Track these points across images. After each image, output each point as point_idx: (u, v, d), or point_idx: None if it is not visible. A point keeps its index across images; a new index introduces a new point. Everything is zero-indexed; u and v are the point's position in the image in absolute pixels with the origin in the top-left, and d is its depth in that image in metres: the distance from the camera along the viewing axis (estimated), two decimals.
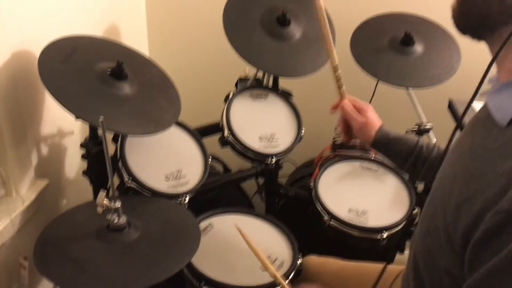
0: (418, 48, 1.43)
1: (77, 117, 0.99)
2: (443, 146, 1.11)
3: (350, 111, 1.15)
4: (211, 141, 1.36)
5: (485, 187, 0.58)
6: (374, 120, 1.14)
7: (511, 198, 0.54)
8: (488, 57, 0.68)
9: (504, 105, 0.62)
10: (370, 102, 1.59)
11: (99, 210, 0.92)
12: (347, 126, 1.18)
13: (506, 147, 0.60)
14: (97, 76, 1.07)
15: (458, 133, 0.77)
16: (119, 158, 1.13)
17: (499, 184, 0.56)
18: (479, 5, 0.64)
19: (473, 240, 0.57)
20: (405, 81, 1.41)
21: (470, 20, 0.66)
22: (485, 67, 0.68)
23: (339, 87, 1.20)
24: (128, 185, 1.11)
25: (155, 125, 1.11)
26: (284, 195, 1.51)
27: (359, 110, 1.17)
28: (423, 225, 0.71)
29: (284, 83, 1.49)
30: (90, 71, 1.07)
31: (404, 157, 1.10)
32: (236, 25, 1.35)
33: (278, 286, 1.02)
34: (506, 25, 0.61)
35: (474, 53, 1.47)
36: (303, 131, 1.37)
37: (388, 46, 1.44)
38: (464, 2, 0.66)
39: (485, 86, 0.68)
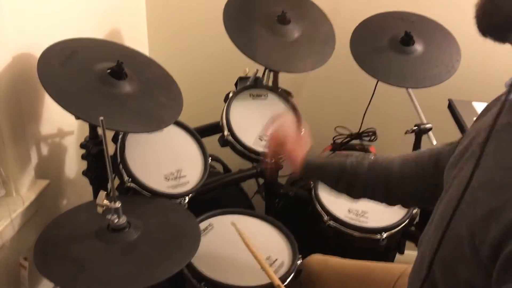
0: (418, 47, 1.42)
1: (77, 117, 1.00)
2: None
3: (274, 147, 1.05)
4: (211, 141, 1.36)
5: None
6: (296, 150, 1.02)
7: None
8: (489, 57, 0.67)
9: None
10: (370, 102, 1.60)
11: (99, 210, 0.92)
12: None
13: None
14: (97, 76, 1.07)
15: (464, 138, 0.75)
16: (119, 158, 1.13)
17: None
18: (504, 6, 0.61)
19: (505, 253, 0.55)
20: (405, 81, 1.41)
21: (493, 21, 0.64)
22: (485, 67, 0.67)
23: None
24: (128, 185, 1.11)
25: (156, 122, 1.11)
26: (284, 195, 1.51)
27: (280, 144, 1.04)
28: (437, 233, 0.69)
29: (284, 83, 1.49)
30: (89, 72, 1.07)
31: (335, 179, 1.00)
32: (236, 21, 1.35)
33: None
34: None
35: (474, 53, 1.47)
36: (303, 131, 1.37)
37: (388, 46, 1.44)
38: (489, 2, 0.64)
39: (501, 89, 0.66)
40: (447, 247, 0.66)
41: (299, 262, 1.12)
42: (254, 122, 1.35)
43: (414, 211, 1.25)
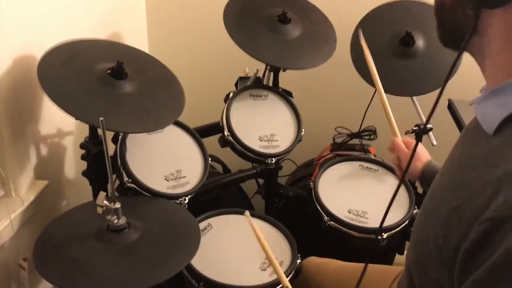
0: (419, 47, 1.42)
1: (77, 118, 0.99)
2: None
3: (399, 143, 1.17)
4: (211, 141, 1.35)
5: (472, 196, 0.58)
6: (421, 153, 1.15)
7: (495, 206, 0.53)
8: None
9: (490, 113, 0.62)
10: (370, 102, 1.59)
11: (99, 210, 0.92)
12: (399, 161, 1.19)
13: (492, 155, 0.59)
14: (97, 76, 1.06)
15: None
16: (119, 159, 1.12)
17: (486, 194, 0.56)
18: (448, 17, 0.66)
19: (461, 252, 0.56)
20: (406, 89, 1.40)
21: (444, 32, 0.69)
22: None
23: (391, 125, 1.22)
24: (128, 185, 1.11)
25: (156, 121, 1.11)
26: (284, 195, 1.51)
27: (408, 145, 1.18)
28: (415, 235, 0.71)
29: (284, 83, 1.48)
30: (90, 72, 1.07)
31: None
32: (236, 20, 1.35)
33: (280, 285, 1.02)
34: (475, 35, 0.62)
35: None
36: (303, 131, 1.37)
37: (388, 47, 1.43)
38: (437, 16, 0.68)
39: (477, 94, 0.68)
40: (419, 248, 0.67)
41: (298, 261, 1.12)
42: (254, 122, 1.35)
43: (414, 211, 1.25)
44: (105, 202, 0.91)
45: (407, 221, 1.23)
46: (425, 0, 1.48)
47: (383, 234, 1.18)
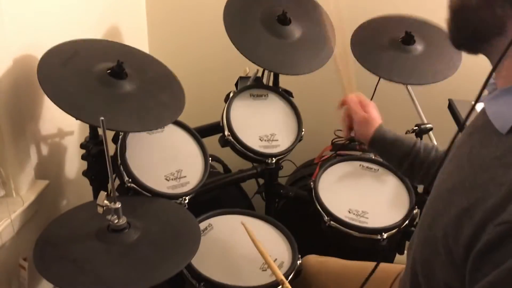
0: (419, 47, 1.43)
1: (77, 118, 0.99)
2: (442, 147, 1.10)
3: (354, 104, 1.14)
4: (211, 141, 1.35)
5: (485, 197, 0.57)
6: (375, 117, 1.12)
7: None
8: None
9: (503, 112, 0.62)
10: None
11: (100, 210, 0.92)
12: (350, 121, 1.17)
13: (507, 156, 0.59)
14: (97, 76, 1.06)
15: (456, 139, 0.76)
16: (119, 159, 1.12)
17: (500, 194, 0.56)
18: (472, 18, 0.64)
19: (475, 251, 0.56)
20: (406, 78, 1.40)
21: (464, 34, 0.67)
22: (485, 68, 0.68)
23: (348, 80, 1.19)
24: (128, 185, 1.11)
25: (156, 120, 1.10)
26: (284, 195, 1.51)
27: (362, 105, 1.16)
28: (420, 234, 0.70)
29: (284, 83, 1.48)
30: (90, 72, 1.06)
31: (400, 159, 1.07)
32: (236, 21, 1.35)
33: (279, 286, 1.01)
34: (499, 36, 0.61)
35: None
36: (303, 131, 1.37)
37: (389, 45, 1.44)
38: (457, 16, 0.66)
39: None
40: (426, 249, 0.67)
41: (299, 262, 1.12)
42: (254, 122, 1.35)
43: (415, 211, 1.25)
44: (106, 202, 0.91)
45: (407, 221, 1.23)
46: (418, 16, 1.50)
47: (383, 234, 1.18)
